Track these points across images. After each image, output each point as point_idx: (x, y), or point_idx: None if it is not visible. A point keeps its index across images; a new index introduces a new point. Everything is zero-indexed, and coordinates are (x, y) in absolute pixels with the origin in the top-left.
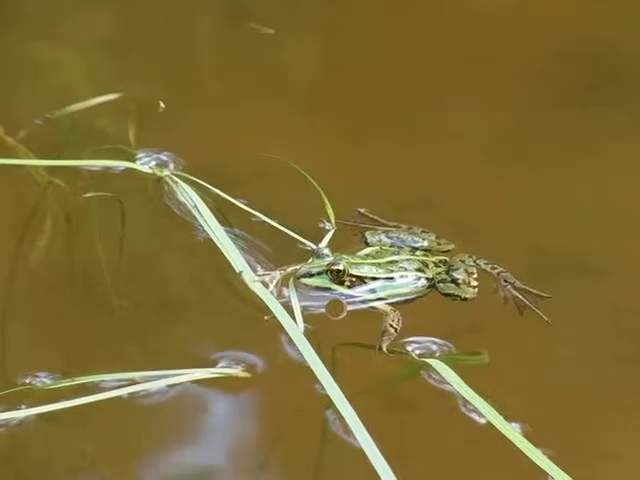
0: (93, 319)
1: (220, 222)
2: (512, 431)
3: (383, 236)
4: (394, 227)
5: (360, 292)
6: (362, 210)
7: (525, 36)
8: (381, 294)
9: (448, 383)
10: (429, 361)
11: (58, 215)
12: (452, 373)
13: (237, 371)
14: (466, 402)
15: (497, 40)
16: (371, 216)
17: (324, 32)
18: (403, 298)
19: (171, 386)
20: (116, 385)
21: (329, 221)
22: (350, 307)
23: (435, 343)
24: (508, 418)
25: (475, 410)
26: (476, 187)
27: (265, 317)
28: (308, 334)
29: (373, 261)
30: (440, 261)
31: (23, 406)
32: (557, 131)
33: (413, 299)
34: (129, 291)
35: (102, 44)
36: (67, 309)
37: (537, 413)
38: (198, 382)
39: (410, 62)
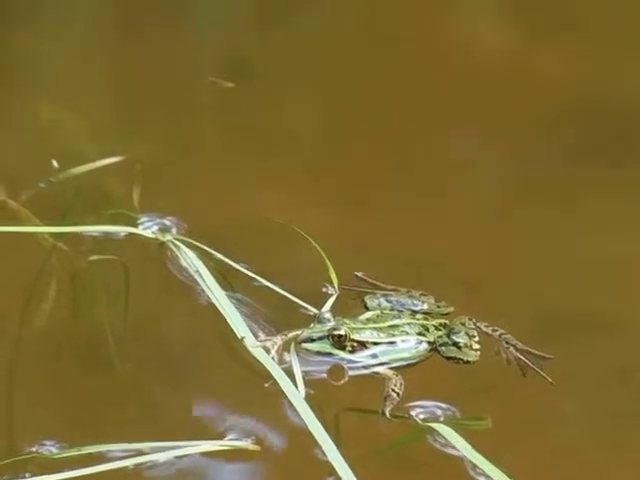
0: (98, 383)
1: (222, 286)
2: None
3: (382, 300)
4: (393, 291)
5: (362, 357)
6: (360, 274)
7: (530, 94)
8: (383, 359)
9: (454, 447)
10: (434, 425)
11: (62, 278)
12: (458, 437)
13: (246, 444)
14: (474, 466)
15: (500, 97)
16: (369, 280)
17: (326, 92)
18: (405, 362)
19: (179, 457)
20: (123, 455)
21: (332, 285)
22: (352, 372)
23: (439, 407)
24: None
25: (483, 473)
26: (479, 246)
27: (265, 384)
28: (310, 399)
29: (374, 325)
30: (441, 324)
31: (28, 474)
32: (562, 188)
33: (415, 363)
34: (133, 355)
35: (106, 106)
36: (72, 373)
37: (544, 474)
38: (205, 453)
39: (413, 121)
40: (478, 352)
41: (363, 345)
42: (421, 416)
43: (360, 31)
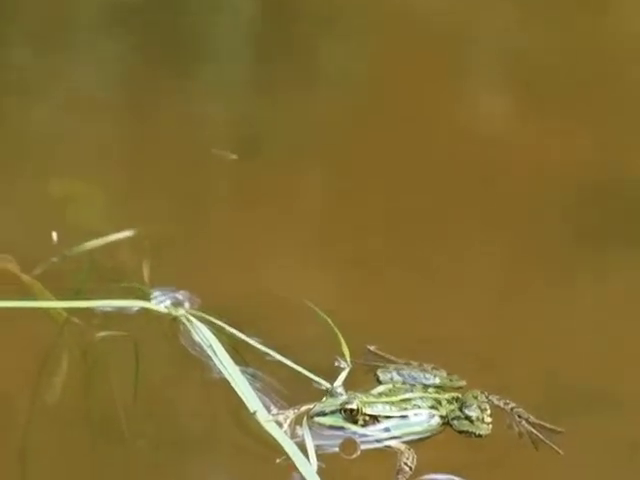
0: (110, 458)
1: (235, 361)
2: None
3: (395, 373)
4: (405, 364)
5: (374, 431)
6: (372, 348)
7: (542, 177)
8: (395, 432)
9: None
10: None
11: (74, 352)
12: None
13: None
14: None
15: (512, 179)
16: (381, 354)
17: (335, 162)
18: (417, 436)
19: None
20: None
21: (344, 359)
22: (364, 446)
23: None
24: None
25: None
26: (492, 321)
27: (278, 459)
28: (322, 473)
29: (386, 399)
30: (453, 398)
31: None
32: (573, 268)
33: (428, 437)
34: (145, 428)
35: (117, 179)
36: (84, 447)
37: None
38: None
39: (422, 196)
40: (490, 425)
41: (375, 419)
42: None
43: (365, 106)
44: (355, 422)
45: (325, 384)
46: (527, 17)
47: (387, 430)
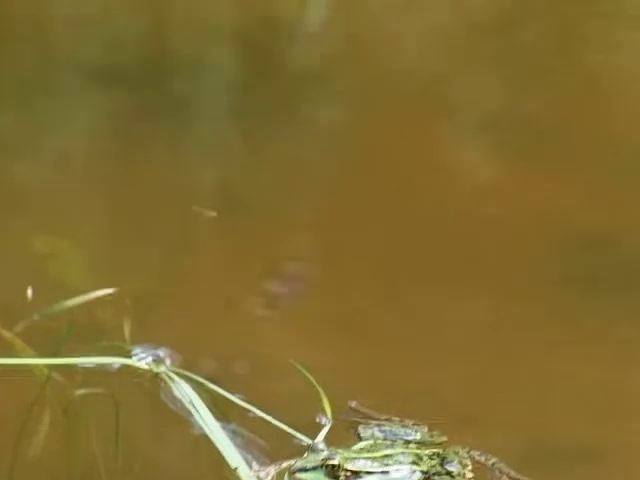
0: None
1: (216, 417)
2: None
3: (376, 430)
4: (386, 420)
5: None
6: (353, 404)
7: (527, 226)
8: None
9: None
10: None
11: (56, 408)
12: None
13: None
14: None
15: (497, 230)
16: (363, 410)
17: (318, 219)
18: None
19: None
20: None
21: (325, 415)
22: None
23: None
24: None
25: None
26: (473, 378)
27: None
28: None
29: (368, 455)
30: (434, 453)
31: None
32: (556, 319)
33: None
34: None
35: (99, 237)
36: None
37: None
38: None
39: (410, 246)
40: None
41: (357, 474)
42: None
43: (350, 163)
44: (336, 478)
45: (306, 440)
46: (509, 71)
47: None
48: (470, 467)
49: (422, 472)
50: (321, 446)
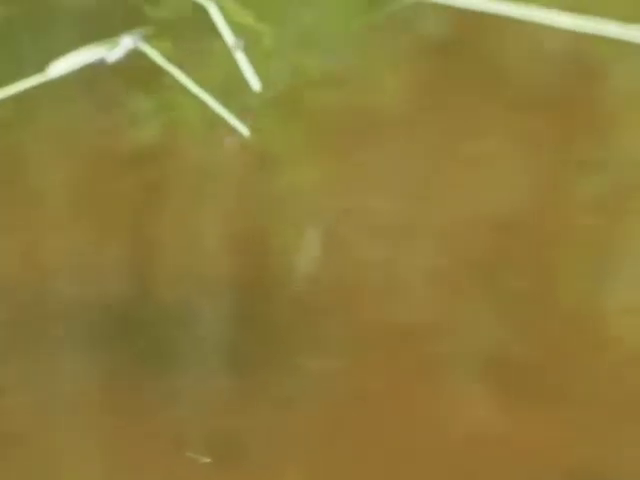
0: None
1: None
2: None
3: None
4: None
5: None
6: None
7: (526, 468)
8: None
9: None
10: None
11: None
12: None
13: None
14: None
15: (495, 473)
16: None
17: (315, 473)
18: None
19: None
20: None
21: None
22: None
23: None
24: None
25: None
26: None
27: None
28: None
29: None
30: None
31: None
32: None
33: None
34: None
35: None
36: None
37: None
38: None
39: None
40: None
41: None
42: None
43: (340, 414)
44: None
45: None
46: (505, 309)
47: None
48: None
49: None
50: None
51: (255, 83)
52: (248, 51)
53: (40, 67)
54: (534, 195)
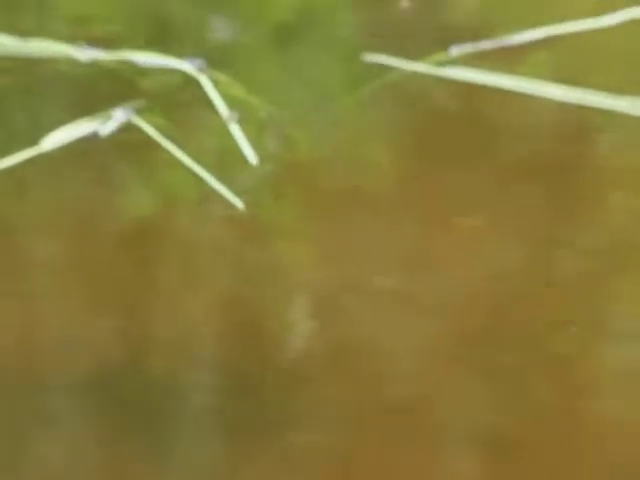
0: None
1: None
2: None
3: None
4: None
5: None
6: None
7: None
8: None
9: None
10: None
11: None
12: None
13: None
14: None
15: None
16: None
17: None
18: None
19: None
20: None
21: None
22: None
23: None
24: None
25: None
26: None
27: None
28: None
29: None
30: None
31: None
32: None
33: None
34: None
35: None
36: None
37: None
38: None
39: None
40: None
41: None
42: None
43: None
44: None
45: None
46: (498, 392)
47: None
48: None
49: None
50: None
51: (252, 156)
52: (242, 124)
53: (33, 139)
54: (526, 269)
